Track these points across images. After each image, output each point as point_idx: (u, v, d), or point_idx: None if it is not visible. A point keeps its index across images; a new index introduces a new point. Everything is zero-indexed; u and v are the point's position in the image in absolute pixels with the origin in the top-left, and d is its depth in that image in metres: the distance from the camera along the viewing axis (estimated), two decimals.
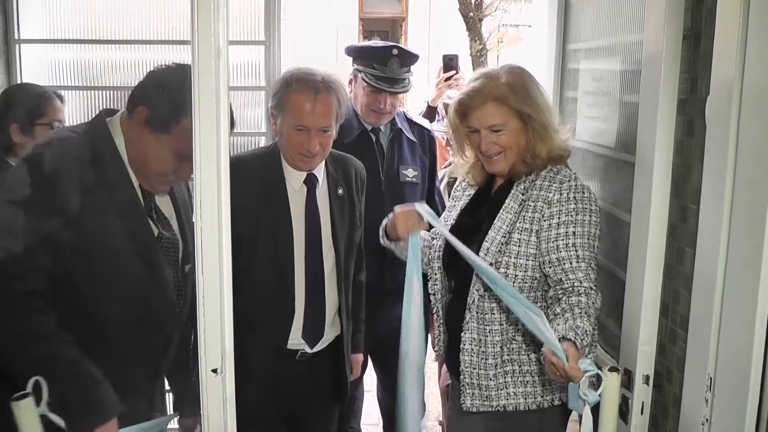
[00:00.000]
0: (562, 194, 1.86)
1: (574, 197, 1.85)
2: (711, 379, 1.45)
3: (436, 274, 2.06)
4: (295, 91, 2.08)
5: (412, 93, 2.97)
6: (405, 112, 3.03)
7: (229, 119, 1.30)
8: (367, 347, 2.82)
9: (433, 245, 2.10)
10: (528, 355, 1.90)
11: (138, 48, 2.85)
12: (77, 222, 1.59)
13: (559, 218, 1.85)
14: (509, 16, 12.96)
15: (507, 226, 1.89)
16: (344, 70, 2.93)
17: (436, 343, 2.14)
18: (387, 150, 2.80)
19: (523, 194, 1.91)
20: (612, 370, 1.76)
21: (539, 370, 1.89)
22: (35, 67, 2.85)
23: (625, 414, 1.78)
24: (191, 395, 1.92)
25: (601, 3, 2.21)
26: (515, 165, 1.93)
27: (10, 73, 2.81)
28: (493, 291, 1.86)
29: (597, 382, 1.77)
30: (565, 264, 1.83)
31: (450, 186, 3.20)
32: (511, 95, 1.88)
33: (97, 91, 2.91)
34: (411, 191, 2.83)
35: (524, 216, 1.88)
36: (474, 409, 1.94)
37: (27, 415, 1.38)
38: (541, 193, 1.88)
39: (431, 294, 2.10)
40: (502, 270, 1.86)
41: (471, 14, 11.16)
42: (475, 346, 1.92)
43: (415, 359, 1.96)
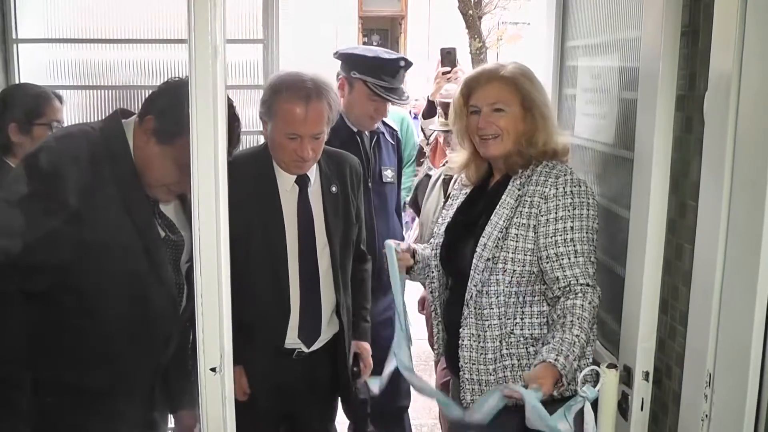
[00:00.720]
0: (558, 189, 1.86)
1: (570, 191, 1.86)
2: (710, 375, 1.45)
3: (434, 272, 2.06)
4: (286, 100, 2.07)
5: (413, 91, 3.02)
6: None
7: (226, 119, 1.30)
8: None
9: (431, 243, 2.11)
10: (526, 348, 1.90)
11: (136, 47, 2.85)
12: (88, 215, 1.61)
13: (556, 213, 1.85)
14: (508, 14, 12.96)
15: (503, 221, 1.89)
16: None
17: (435, 341, 2.15)
18: (370, 152, 2.85)
19: (519, 189, 1.91)
20: (610, 366, 1.77)
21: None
22: (33, 67, 2.84)
23: (624, 410, 1.78)
24: (191, 391, 1.93)
25: (600, 0, 2.21)
26: (511, 155, 1.93)
27: (8, 73, 2.80)
28: (490, 287, 1.87)
29: (596, 378, 1.77)
30: (563, 259, 1.83)
31: (446, 183, 3.20)
32: (520, 77, 1.93)
33: (96, 91, 2.90)
34: (390, 191, 2.94)
35: (521, 211, 1.88)
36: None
37: None
38: (537, 188, 1.88)
39: (429, 292, 2.10)
40: (500, 265, 1.87)
41: (470, 12, 11.18)
42: (474, 341, 1.92)
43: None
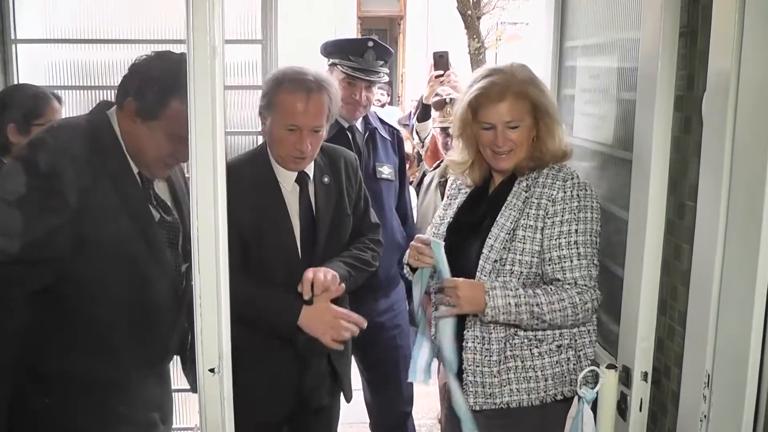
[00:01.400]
0: (566, 192, 1.87)
1: (577, 195, 1.87)
2: (709, 376, 1.45)
3: (436, 273, 2.06)
4: (287, 91, 2.07)
5: (412, 92, 3.02)
6: (375, 112, 3.09)
7: (224, 119, 1.31)
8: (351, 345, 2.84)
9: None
10: (530, 350, 1.90)
11: (135, 47, 2.83)
12: (86, 207, 1.61)
13: (562, 216, 1.86)
14: (507, 14, 12.95)
15: (511, 223, 1.89)
16: None
17: (435, 343, 2.14)
18: (363, 148, 2.83)
19: (525, 191, 1.91)
20: (609, 367, 1.77)
21: (542, 364, 1.90)
22: (32, 68, 2.84)
23: (623, 411, 1.78)
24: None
25: (598, 0, 2.21)
26: (521, 161, 1.94)
27: (7, 73, 2.80)
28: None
29: (595, 379, 1.78)
30: (565, 262, 1.84)
31: (442, 186, 3.20)
32: (531, 89, 1.91)
33: (95, 91, 2.89)
34: (386, 188, 2.89)
35: (528, 213, 1.89)
36: (477, 408, 1.94)
37: None
38: (545, 190, 1.89)
39: (432, 292, 2.10)
40: (507, 267, 1.87)
41: (469, 12, 11.18)
42: (479, 343, 1.92)
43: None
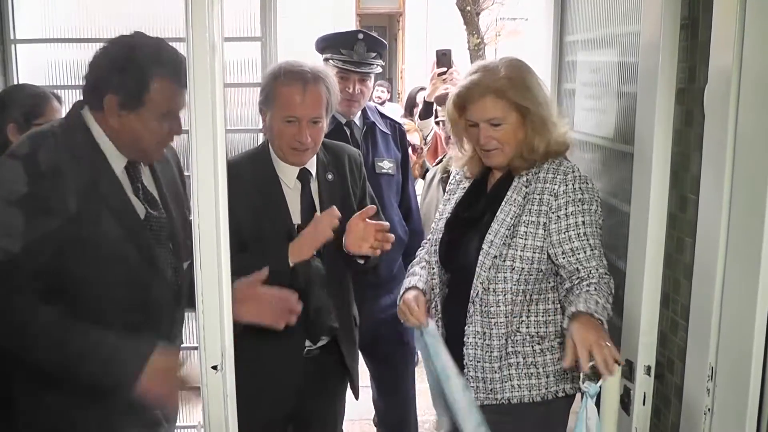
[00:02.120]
0: (568, 185, 1.86)
1: (580, 188, 1.86)
2: (712, 369, 1.45)
3: (434, 268, 2.06)
4: (284, 84, 2.08)
5: (411, 83, 3.00)
6: (376, 106, 3.07)
7: (224, 117, 1.30)
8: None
9: (430, 239, 2.10)
10: (532, 346, 1.90)
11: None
12: (65, 216, 1.59)
13: (566, 209, 1.85)
14: (506, 10, 12.92)
15: (511, 218, 1.88)
16: None
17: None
18: (361, 143, 2.81)
19: (526, 186, 1.90)
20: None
21: (543, 361, 1.89)
22: (32, 67, 2.84)
23: (627, 405, 1.78)
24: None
25: None
26: (513, 160, 1.93)
27: (7, 73, 2.79)
28: (497, 284, 1.87)
29: (598, 374, 1.77)
30: (580, 254, 1.83)
31: (444, 182, 3.20)
32: (510, 89, 1.87)
33: None
34: (387, 183, 2.87)
35: (530, 209, 1.88)
36: (478, 403, 1.93)
37: None
38: (546, 185, 1.88)
39: (429, 288, 2.10)
40: (508, 263, 1.86)
41: (468, 8, 11.14)
42: (480, 339, 1.92)
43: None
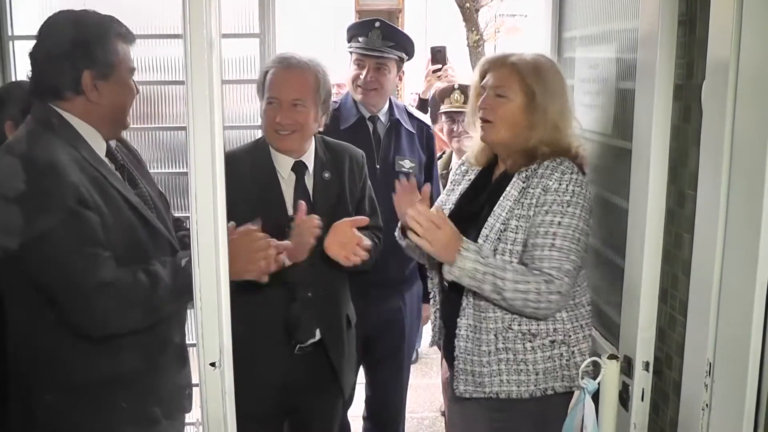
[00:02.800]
0: (561, 184, 1.86)
1: (572, 190, 1.85)
2: (710, 364, 1.45)
3: (435, 259, 2.06)
4: (271, 70, 2.15)
5: (411, 85, 2.99)
6: (405, 105, 3.05)
7: (222, 113, 1.30)
8: (357, 339, 2.82)
9: None
10: (523, 344, 1.90)
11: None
12: (63, 211, 1.59)
13: (550, 206, 1.85)
14: (506, 6, 12.90)
15: (506, 213, 1.89)
16: (341, 62, 2.92)
17: (432, 328, 2.15)
18: (384, 139, 2.80)
19: (524, 182, 1.91)
20: (611, 357, 1.77)
21: (534, 359, 1.90)
22: (30, 65, 2.83)
23: (625, 401, 1.78)
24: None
25: None
26: (511, 153, 1.94)
27: (5, 70, 2.78)
28: None
29: (596, 370, 1.78)
30: (537, 251, 1.84)
31: (444, 178, 3.20)
32: (528, 69, 1.92)
33: None
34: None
35: (523, 203, 1.88)
36: (467, 395, 1.95)
37: None
38: (542, 180, 1.88)
39: (429, 280, 2.11)
40: (499, 256, 1.87)
41: (467, 5, 11.12)
42: (471, 332, 1.93)
43: None
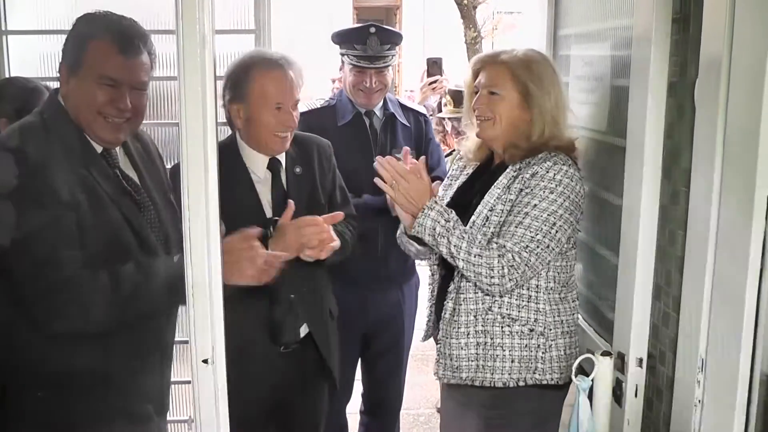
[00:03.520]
0: (548, 172, 1.86)
1: (559, 179, 1.85)
2: (703, 361, 1.46)
3: (435, 258, 2.07)
4: (262, 73, 2.10)
5: (408, 82, 2.99)
6: (399, 99, 3.06)
7: (215, 110, 1.30)
8: (356, 333, 2.83)
9: None
10: (501, 327, 1.90)
11: None
12: (67, 203, 1.59)
13: (532, 190, 1.85)
14: (503, 3, 12.90)
15: (494, 200, 1.90)
16: (337, 59, 2.92)
17: (427, 324, 2.16)
18: (380, 133, 2.81)
19: (515, 172, 1.91)
20: (604, 354, 1.78)
21: (511, 344, 1.90)
22: (24, 60, 2.82)
23: (619, 397, 1.79)
24: None
25: None
26: (508, 147, 1.95)
27: None
28: None
29: (590, 366, 1.78)
30: (504, 227, 1.85)
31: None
32: (520, 67, 1.92)
33: None
34: None
35: (510, 188, 1.89)
36: (445, 380, 1.98)
37: None
38: (532, 167, 1.88)
39: (430, 274, 2.12)
40: (466, 227, 1.88)
41: (465, 2, 11.11)
42: (450, 314, 1.94)
43: None
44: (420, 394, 4.16)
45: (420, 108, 3.08)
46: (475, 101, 1.97)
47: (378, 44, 2.72)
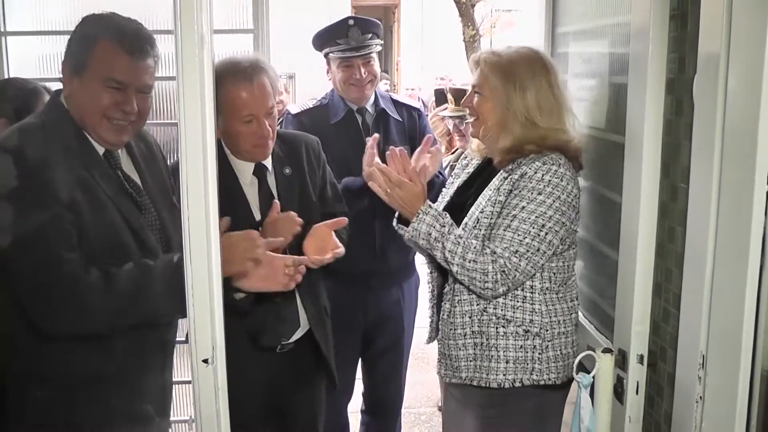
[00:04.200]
0: (537, 173, 1.85)
1: (548, 180, 1.84)
2: (703, 357, 1.46)
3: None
4: (230, 85, 2.03)
5: (407, 81, 2.99)
6: (391, 94, 3.07)
7: (214, 109, 1.30)
8: (357, 332, 2.83)
9: None
10: (497, 328, 1.90)
11: None
12: (68, 205, 1.59)
13: (520, 191, 1.85)
14: (502, 1, 12.90)
15: (485, 201, 1.90)
16: None
17: (430, 325, 2.16)
18: (372, 129, 2.80)
19: (507, 173, 1.91)
20: (605, 351, 1.78)
21: (505, 345, 1.90)
22: (23, 61, 2.82)
23: (620, 394, 1.78)
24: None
25: None
26: (496, 154, 1.95)
27: None
28: None
29: (591, 364, 1.78)
30: (493, 230, 1.85)
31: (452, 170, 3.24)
32: (492, 67, 1.92)
33: None
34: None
35: (500, 189, 1.89)
36: (447, 379, 2.00)
37: None
38: (521, 167, 1.88)
39: (429, 272, 2.12)
40: (461, 231, 1.89)
41: (463, 0, 11.12)
42: (447, 315, 1.95)
43: None
44: (421, 393, 4.16)
45: (414, 102, 3.09)
46: (464, 100, 2.02)
47: (359, 34, 2.73)
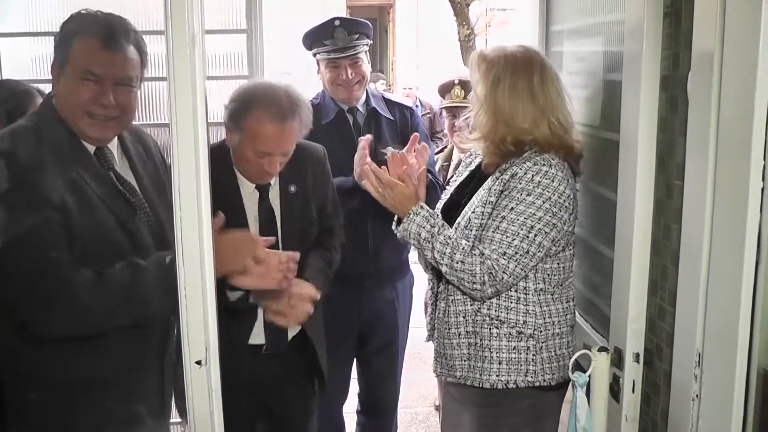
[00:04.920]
0: (526, 173, 1.84)
1: (537, 181, 1.82)
2: (699, 355, 1.45)
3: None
4: (258, 119, 2.00)
5: (403, 80, 2.98)
6: (383, 93, 3.05)
7: (205, 109, 1.29)
8: (351, 332, 2.83)
9: None
10: (490, 329, 1.90)
11: None
12: (61, 207, 1.58)
13: (510, 192, 1.84)
14: (496, 0, 12.90)
15: (477, 201, 1.91)
16: None
17: (428, 324, 2.15)
18: (364, 129, 2.79)
19: (499, 173, 1.91)
20: (601, 350, 1.77)
21: (498, 346, 1.90)
22: (16, 63, 2.81)
23: (616, 393, 1.78)
24: None
25: None
26: (488, 156, 1.95)
27: None
28: None
29: (587, 363, 1.78)
30: (483, 232, 1.84)
31: (445, 170, 3.22)
32: (474, 67, 1.93)
33: None
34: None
35: (491, 189, 1.88)
36: (443, 378, 2.02)
37: None
38: (512, 168, 1.87)
39: (429, 269, 2.12)
40: (451, 232, 1.89)
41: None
42: (442, 314, 1.96)
43: None
44: (417, 392, 4.16)
45: (406, 101, 3.08)
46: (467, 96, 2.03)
47: (345, 35, 2.71)
